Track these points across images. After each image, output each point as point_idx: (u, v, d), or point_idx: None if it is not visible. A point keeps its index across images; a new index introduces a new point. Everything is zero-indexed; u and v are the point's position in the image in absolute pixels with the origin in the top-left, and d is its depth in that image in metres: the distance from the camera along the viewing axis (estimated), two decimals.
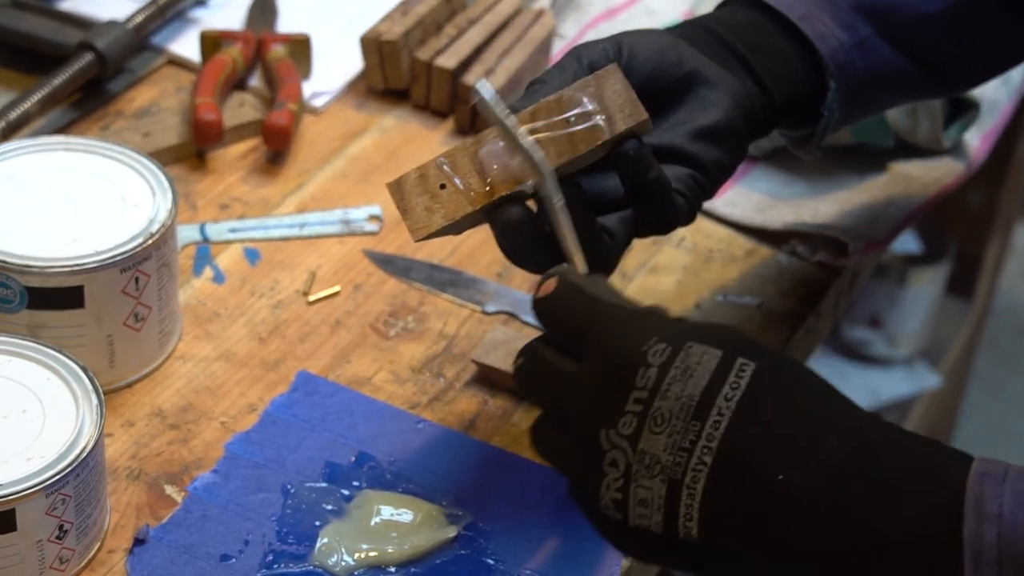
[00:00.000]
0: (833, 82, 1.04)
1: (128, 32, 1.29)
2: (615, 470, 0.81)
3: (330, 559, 0.95)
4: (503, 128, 0.89)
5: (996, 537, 0.76)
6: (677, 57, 0.99)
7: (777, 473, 0.80)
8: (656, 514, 0.81)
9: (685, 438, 0.80)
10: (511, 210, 0.92)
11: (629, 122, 0.93)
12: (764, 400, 0.81)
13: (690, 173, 0.97)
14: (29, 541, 0.90)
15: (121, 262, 1.01)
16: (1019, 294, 2.85)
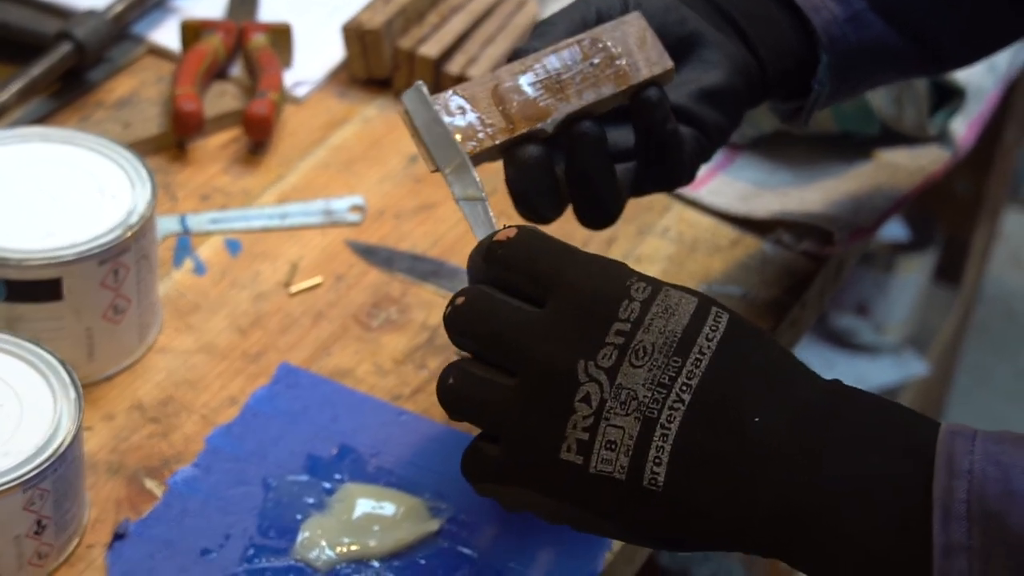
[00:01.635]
0: (825, 55, 1.04)
1: (107, 21, 1.29)
2: (586, 407, 0.80)
3: (311, 553, 0.95)
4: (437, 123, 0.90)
5: (966, 493, 0.76)
6: (680, 16, 0.98)
7: (754, 416, 0.80)
8: (622, 457, 0.80)
9: (665, 374, 0.80)
10: (530, 148, 0.91)
11: (655, 69, 0.93)
12: (741, 345, 0.82)
13: (693, 132, 0.97)
14: (7, 537, 0.89)
15: (100, 254, 1.00)
16: (1007, 281, 2.86)
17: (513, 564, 0.96)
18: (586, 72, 0.92)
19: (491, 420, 0.84)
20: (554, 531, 0.97)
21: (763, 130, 1.28)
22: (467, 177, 0.90)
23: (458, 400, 0.84)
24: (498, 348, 0.83)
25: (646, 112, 0.93)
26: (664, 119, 0.94)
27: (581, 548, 0.97)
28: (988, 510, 0.76)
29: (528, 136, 0.91)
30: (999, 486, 0.76)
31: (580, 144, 0.92)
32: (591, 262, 0.84)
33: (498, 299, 0.84)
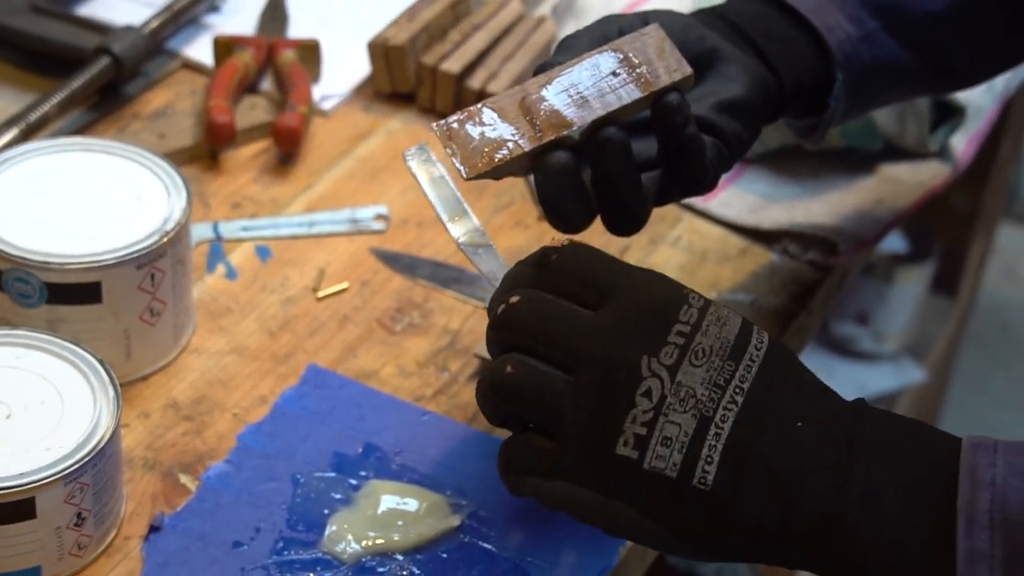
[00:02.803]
0: (840, 73, 1.04)
1: (144, 37, 1.29)
2: (647, 401, 0.80)
3: (338, 546, 0.95)
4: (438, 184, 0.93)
5: (989, 504, 0.77)
6: (700, 34, 0.99)
7: (796, 421, 0.80)
8: (676, 454, 0.79)
9: (721, 375, 0.81)
10: (558, 154, 0.91)
11: (675, 76, 0.93)
12: (780, 362, 0.83)
13: (714, 142, 0.97)
14: (48, 528, 0.90)
15: (137, 259, 1.01)
16: (1002, 293, 2.86)
17: (531, 559, 0.96)
18: (609, 81, 0.92)
19: (548, 412, 0.82)
20: (571, 527, 0.97)
21: (771, 145, 1.28)
22: (469, 223, 0.91)
23: (517, 390, 0.82)
24: (557, 345, 0.82)
25: (667, 116, 0.93)
26: (685, 122, 0.93)
27: (597, 544, 0.97)
28: (1009, 520, 0.76)
29: (555, 143, 0.91)
30: (1020, 496, 0.76)
31: (606, 149, 0.91)
32: (643, 271, 0.85)
33: (553, 301, 0.83)
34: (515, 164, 0.91)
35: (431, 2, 1.35)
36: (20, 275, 1.00)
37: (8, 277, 1.00)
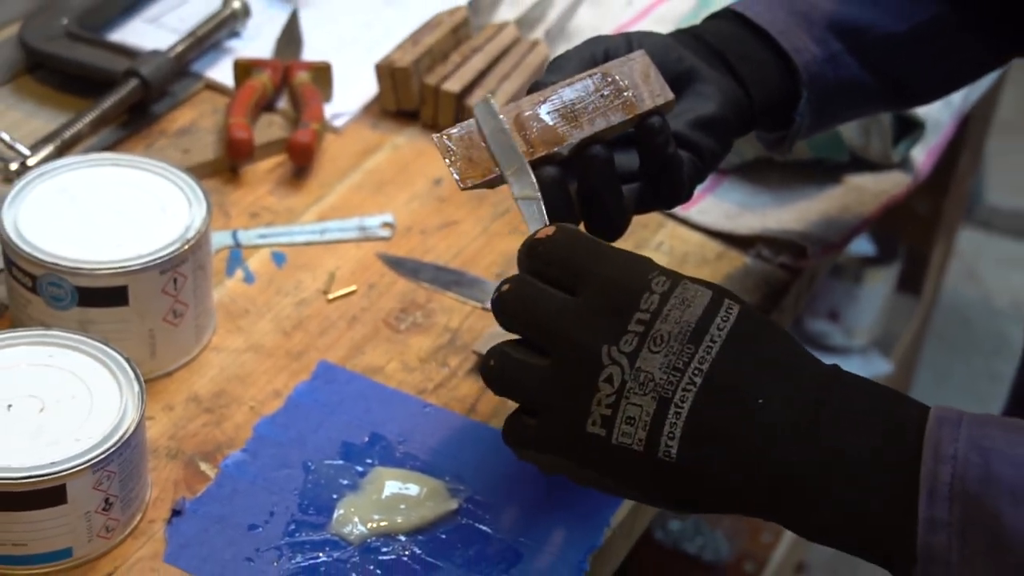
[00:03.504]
0: (805, 91, 1.04)
1: (170, 60, 1.29)
2: (609, 386, 0.81)
3: (345, 528, 0.95)
4: (503, 133, 0.90)
5: (950, 476, 0.76)
6: (678, 55, 0.98)
7: (757, 398, 0.80)
8: (640, 431, 0.80)
9: (680, 359, 0.80)
10: (548, 169, 0.91)
11: (658, 100, 0.93)
12: (748, 334, 0.82)
13: (690, 157, 0.96)
14: (78, 512, 0.89)
15: (161, 264, 1.00)
16: (962, 291, 2.85)
17: (523, 539, 0.95)
18: (597, 102, 0.92)
19: (527, 397, 0.84)
20: (560, 509, 0.97)
21: (746, 157, 1.28)
22: (525, 179, 0.90)
23: (498, 380, 0.85)
24: (536, 330, 0.84)
25: (650, 137, 0.93)
26: (666, 143, 0.93)
27: (584, 525, 0.97)
28: (968, 492, 0.76)
29: (546, 158, 0.91)
30: (979, 471, 0.76)
31: (591, 165, 0.91)
32: (618, 257, 0.85)
33: (538, 287, 0.84)
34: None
35: (433, 27, 1.34)
36: (53, 280, 0.99)
37: (42, 281, 1.00)
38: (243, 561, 0.92)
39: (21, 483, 0.87)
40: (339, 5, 1.45)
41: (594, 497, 0.98)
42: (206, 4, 1.41)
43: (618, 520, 0.98)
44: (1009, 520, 0.75)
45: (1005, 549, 0.75)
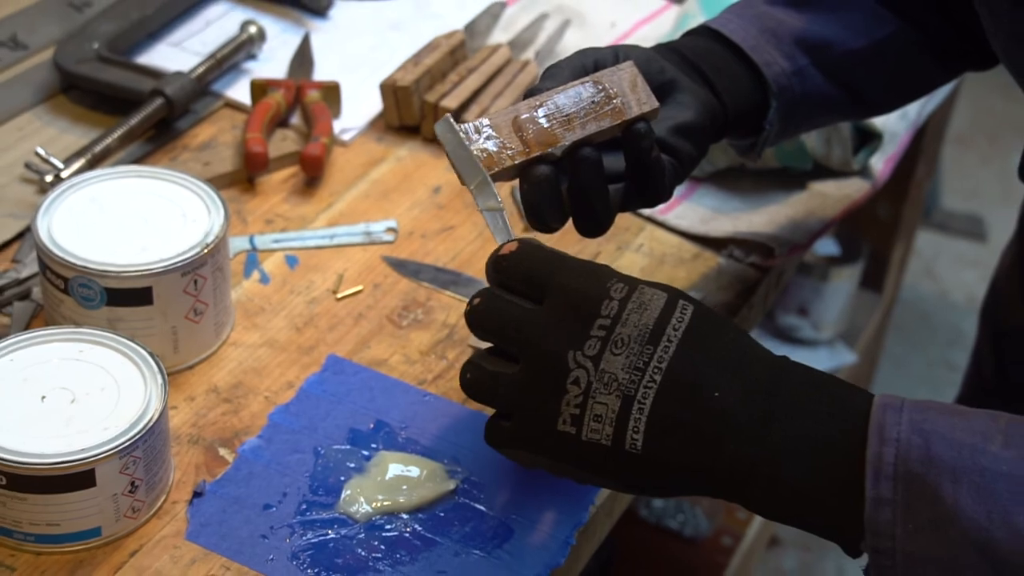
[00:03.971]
0: (774, 101, 1.04)
1: (192, 81, 1.29)
2: (576, 388, 0.81)
3: (352, 507, 0.94)
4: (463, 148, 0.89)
5: (893, 457, 0.76)
6: (660, 67, 0.98)
7: (713, 391, 0.80)
8: (607, 427, 0.80)
9: (640, 359, 0.80)
10: (542, 168, 0.90)
11: (644, 108, 0.92)
12: (702, 333, 0.82)
13: (671, 161, 0.96)
14: (106, 495, 0.89)
15: (182, 267, 1.00)
16: (920, 288, 2.85)
17: (515, 516, 0.95)
18: (588, 108, 0.92)
19: (501, 404, 0.85)
20: (548, 490, 0.97)
21: (718, 166, 1.28)
22: (488, 191, 0.89)
23: (474, 391, 0.86)
24: (505, 340, 0.84)
25: (636, 142, 0.93)
26: (650, 148, 0.93)
27: (570, 504, 0.96)
28: (911, 471, 0.76)
29: (540, 158, 0.91)
30: (921, 452, 0.76)
31: (582, 166, 0.91)
32: (578, 267, 0.85)
33: (505, 299, 0.85)
34: (506, 173, 0.91)
35: (433, 49, 1.34)
36: (84, 281, 0.99)
37: (74, 283, 0.99)
38: (258, 538, 0.92)
39: (54, 468, 0.87)
40: (347, 30, 1.45)
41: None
42: (225, 29, 1.41)
43: (601, 499, 0.98)
44: (949, 497, 0.75)
45: (946, 523, 0.75)
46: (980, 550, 0.74)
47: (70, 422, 0.90)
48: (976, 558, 0.74)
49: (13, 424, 0.89)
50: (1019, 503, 0.74)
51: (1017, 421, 0.77)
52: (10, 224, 1.15)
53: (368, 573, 0.91)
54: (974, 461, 0.75)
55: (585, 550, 0.98)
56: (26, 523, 0.89)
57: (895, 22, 1.09)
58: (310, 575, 0.90)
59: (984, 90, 3.15)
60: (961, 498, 0.74)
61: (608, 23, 1.48)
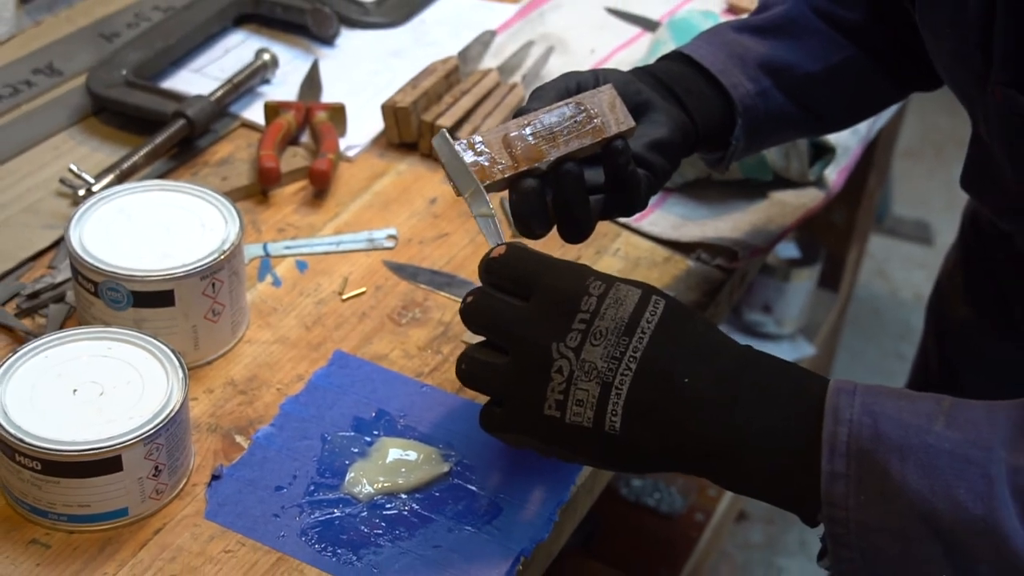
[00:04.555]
0: (740, 119, 1.04)
1: (211, 103, 1.28)
2: (560, 376, 0.81)
3: (356, 488, 0.94)
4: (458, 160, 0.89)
5: (847, 436, 0.76)
6: (636, 88, 0.98)
7: (684, 378, 0.79)
8: (588, 411, 0.80)
9: (617, 349, 0.80)
10: (529, 181, 0.90)
11: (622, 127, 0.92)
12: (672, 325, 0.82)
13: (646, 174, 0.96)
14: (132, 478, 0.89)
15: (201, 272, 1.00)
16: (873, 287, 2.85)
17: (504, 496, 0.95)
18: (571, 127, 0.91)
19: (493, 391, 0.85)
20: (534, 471, 0.96)
21: (688, 178, 1.27)
22: (480, 199, 0.89)
23: (469, 380, 0.85)
24: (495, 334, 0.84)
25: (614, 157, 0.92)
26: (627, 163, 0.93)
27: (554, 483, 0.96)
28: (863, 448, 0.76)
29: (528, 172, 0.90)
30: (871, 431, 0.76)
31: (565, 179, 0.91)
32: (561, 267, 0.85)
33: (496, 297, 0.84)
34: (496, 186, 0.91)
35: (429, 74, 1.34)
36: (112, 285, 0.98)
37: (103, 287, 0.99)
38: (271, 517, 0.92)
39: (85, 454, 0.87)
40: (352, 57, 1.44)
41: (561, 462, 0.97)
42: (242, 57, 1.40)
43: (582, 479, 0.97)
44: (896, 472, 0.75)
45: (894, 496, 0.75)
46: (925, 519, 0.74)
47: (99, 413, 0.89)
48: (921, 526, 0.74)
49: (47, 415, 0.89)
50: (959, 478, 0.74)
51: (958, 404, 0.77)
52: (46, 234, 1.15)
53: (370, 548, 0.90)
54: (919, 440, 0.75)
55: (567, 525, 0.98)
56: (59, 504, 0.88)
57: (850, 48, 1.09)
58: (318, 550, 0.90)
59: (930, 108, 3.14)
60: (908, 473, 0.74)
61: (588, 49, 1.48)
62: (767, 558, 2.24)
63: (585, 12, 1.55)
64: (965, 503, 0.73)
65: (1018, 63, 0.87)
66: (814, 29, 1.09)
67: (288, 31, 1.46)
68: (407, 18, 1.52)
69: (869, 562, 0.77)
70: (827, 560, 0.79)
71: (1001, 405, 0.77)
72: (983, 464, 0.74)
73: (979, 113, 0.96)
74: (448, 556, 0.90)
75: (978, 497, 0.73)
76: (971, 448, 0.74)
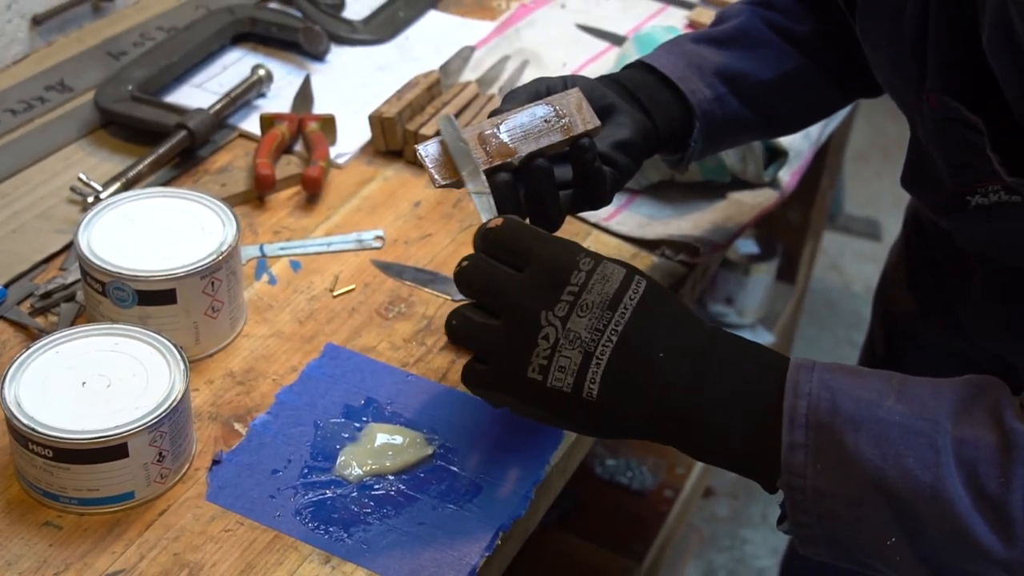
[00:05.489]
0: (698, 123, 1.04)
1: (211, 116, 1.27)
2: (546, 342, 0.80)
3: (346, 471, 0.93)
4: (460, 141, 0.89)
5: (805, 408, 0.76)
6: (602, 93, 0.98)
7: (659, 352, 0.79)
8: (569, 377, 0.80)
9: (600, 322, 0.80)
10: (502, 175, 0.90)
11: (588, 126, 0.92)
12: (652, 304, 0.81)
13: (611, 171, 0.96)
14: (138, 464, 0.88)
15: (201, 272, 0.99)
16: (827, 280, 2.85)
17: (483, 475, 0.94)
18: (541, 126, 0.91)
19: (480, 349, 0.83)
20: (511, 453, 0.96)
21: (652, 180, 1.27)
22: (478, 178, 0.89)
23: (457, 336, 0.83)
24: (488, 297, 0.83)
25: (581, 154, 0.92)
26: (593, 159, 0.93)
27: (530, 464, 0.96)
28: (820, 420, 0.76)
29: (501, 167, 0.90)
30: (828, 404, 0.76)
31: (536, 174, 0.91)
32: (554, 242, 0.84)
33: (491, 263, 0.83)
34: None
35: (413, 86, 1.33)
36: (118, 285, 0.98)
37: (110, 287, 0.98)
38: (267, 498, 0.91)
39: (93, 442, 0.86)
40: (341, 71, 1.43)
41: (537, 442, 0.97)
42: (239, 72, 1.39)
43: (556, 459, 0.97)
44: (851, 443, 0.75)
45: (848, 464, 0.75)
46: (877, 487, 0.74)
47: (107, 403, 0.89)
48: (874, 493, 0.74)
49: (58, 406, 0.88)
50: (909, 448, 0.74)
51: (908, 381, 0.77)
52: (58, 238, 1.14)
53: (360, 526, 0.90)
54: (872, 413, 0.75)
55: (543, 502, 0.97)
56: (70, 489, 0.88)
57: (799, 58, 1.09)
58: (311, 528, 0.89)
59: (878, 114, 3.15)
60: (861, 444, 0.74)
61: (560, 63, 1.48)
62: (732, 530, 2.25)
63: (558, 28, 1.54)
64: (914, 471, 0.73)
65: (951, 71, 0.87)
66: (766, 40, 1.09)
67: (282, 48, 1.45)
68: (392, 35, 1.51)
69: (825, 527, 0.77)
70: (786, 524, 0.79)
71: (946, 382, 0.77)
72: (930, 435, 0.74)
73: (916, 118, 0.96)
74: (432, 532, 0.90)
75: (926, 466, 0.73)
76: (919, 421, 0.74)
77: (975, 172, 0.88)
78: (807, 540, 0.78)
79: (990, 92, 0.82)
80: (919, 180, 1.03)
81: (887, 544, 0.75)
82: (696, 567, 2.16)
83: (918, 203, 1.11)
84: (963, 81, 0.86)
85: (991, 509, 0.72)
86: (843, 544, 0.77)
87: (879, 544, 0.75)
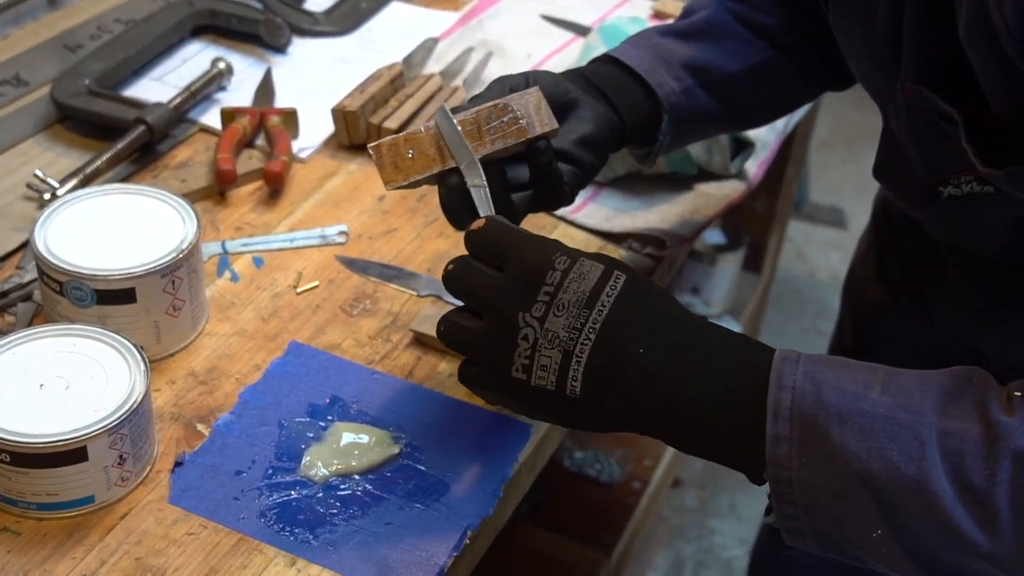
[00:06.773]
0: (666, 116, 1.03)
1: (170, 110, 1.25)
2: (526, 343, 0.80)
3: (311, 471, 0.92)
4: (457, 134, 0.88)
5: (790, 401, 0.76)
6: (565, 88, 0.97)
7: (639, 347, 0.79)
8: (551, 376, 0.80)
9: (578, 321, 0.80)
10: (453, 178, 0.89)
11: (545, 128, 0.91)
12: (631, 299, 0.81)
13: (572, 169, 0.95)
14: (98, 467, 0.87)
15: (161, 270, 0.97)
16: (792, 269, 2.86)
17: (450, 474, 0.93)
18: (498, 127, 0.90)
19: (468, 351, 0.84)
20: (478, 450, 0.95)
21: (619, 173, 1.26)
22: (475, 171, 0.88)
23: (448, 341, 0.84)
24: (472, 300, 0.83)
25: (537, 157, 0.92)
26: (549, 161, 0.92)
27: (497, 461, 0.95)
28: (804, 413, 0.75)
29: (455, 169, 0.89)
30: (812, 397, 0.75)
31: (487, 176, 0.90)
32: (532, 242, 0.84)
33: (474, 266, 0.84)
34: (425, 181, 0.89)
35: (376, 79, 1.31)
36: (76, 284, 0.96)
37: (67, 286, 0.96)
38: (232, 500, 0.90)
39: (51, 445, 0.84)
40: (303, 64, 1.42)
41: (506, 439, 0.96)
42: (199, 65, 1.37)
43: (524, 457, 0.96)
44: (836, 435, 0.74)
45: (833, 457, 0.74)
46: (862, 479, 0.74)
47: (65, 406, 0.87)
48: (859, 486, 0.74)
49: (15, 409, 0.86)
50: (892, 440, 0.73)
51: (892, 372, 0.77)
52: (14, 236, 1.12)
53: (326, 527, 0.88)
54: (857, 405, 0.74)
55: (511, 500, 0.96)
56: (28, 493, 0.86)
57: (767, 50, 1.08)
58: (276, 530, 0.88)
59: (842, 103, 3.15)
60: (846, 436, 0.74)
61: (525, 54, 1.46)
62: (700, 520, 2.24)
63: (521, 19, 1.53)
64: (898, 464, 0.73)
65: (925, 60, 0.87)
66: (734, 33, 1.08)
67: (242, 40, 1.43)
68: (354, 27, 1.49)
69: (811, 519, 0.76)
70: (773, 516, 0.78)
71: (933, 374, 0.76)
72: (915, 427, 0.73)
73: (890, 108, 0.95)
74: (399, 532, 0.88)
75: (910, 458, 0.73)
76: (904, 413, 0.74)
77: (949, 163, 0.88)
78: (794, 532, 0.77)
79: (965, 82, 0.82)
80: (891, 171, 1.02)
81: (873, 537, 0.74)
82: (665, 558, 2.16)
83: (889, 194, 1.11)
84: (938, 71, 0.86)
85: (976, 502, 0.71)
86: (830, 536, 0.76)
87: (865, 537, 0.75)
